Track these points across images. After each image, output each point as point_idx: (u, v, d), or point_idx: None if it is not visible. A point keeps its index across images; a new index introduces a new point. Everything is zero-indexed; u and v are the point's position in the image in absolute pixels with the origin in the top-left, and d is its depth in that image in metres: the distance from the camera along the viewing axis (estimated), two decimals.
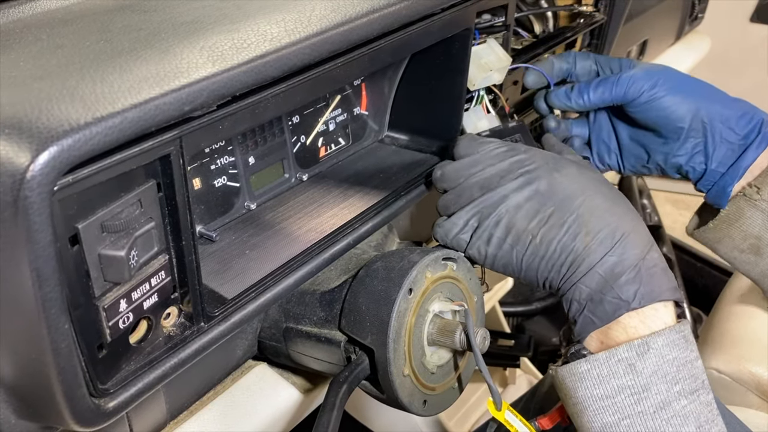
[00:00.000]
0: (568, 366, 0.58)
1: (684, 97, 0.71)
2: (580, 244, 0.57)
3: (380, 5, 0.55)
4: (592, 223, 0.58)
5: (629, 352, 0.55)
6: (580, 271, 0.57)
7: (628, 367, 0.54)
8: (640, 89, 0.71)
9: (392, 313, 0.56)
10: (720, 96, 0.72)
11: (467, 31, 0.69)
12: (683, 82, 0.72)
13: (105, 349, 0.45)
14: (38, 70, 0.42)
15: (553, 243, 0.58)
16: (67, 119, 0.36)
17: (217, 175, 0.63)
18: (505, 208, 0.60)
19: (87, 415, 0.44)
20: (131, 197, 0.44)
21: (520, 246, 0.60)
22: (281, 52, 0.47)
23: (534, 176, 0.60)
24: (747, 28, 1.84)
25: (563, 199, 0.59)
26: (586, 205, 0.58)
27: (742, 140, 0.70)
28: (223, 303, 0.53)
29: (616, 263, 0.56)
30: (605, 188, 0.61)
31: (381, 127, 0.80)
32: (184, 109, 0.41)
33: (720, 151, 0.71)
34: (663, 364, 0.54)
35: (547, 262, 0.59)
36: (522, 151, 0.62)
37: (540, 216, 0.59)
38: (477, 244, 0.62)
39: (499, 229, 0.60)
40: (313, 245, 0.61)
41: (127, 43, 0.46)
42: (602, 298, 0.57)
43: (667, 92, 0.71)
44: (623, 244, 0.57)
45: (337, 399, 0.55)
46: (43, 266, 0.37)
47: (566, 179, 0.60)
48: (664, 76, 0.71)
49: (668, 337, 0.55)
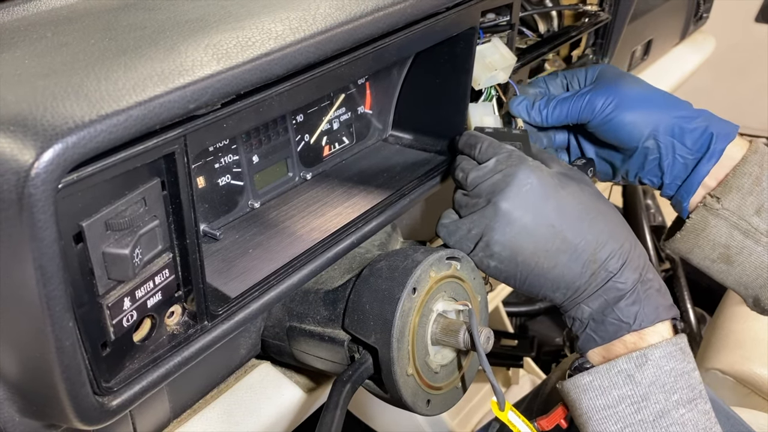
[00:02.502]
0: (572, 379, 0.60)
1: (638, 115, 0.70)
2: (588, 271, 0.59)
3: (385, 4, 0.55)
4: (598, 251, 0.58)
5: (628, 363, 0.57)
6: (584, 294, 0.59)
7: (628, 378, 0.57)
8: (593, 109, 0.71)
9: (396, 313, 0.56)
10: (675, 109, 0.71)
11: (472, 30, 0.69)
12: (638, 99, 0.71)
13: (109, 347, 0.45)
14: (43, 67, 0.42)
15: (558, 267, 0.59)
16: (71, 117, 0.36)
17: (221, 174, 0.63)
18: (510, 230, 0.59)
19: (90, 413, 0.44)
20: (135, 195, 0.44)
21: (523, 266, 0.60)
22: (286, 51, 0.47)
23: (541, 195, 0.59)
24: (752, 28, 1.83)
25: (570, 224, 0.59)
26: (592, 231, 0.59)
27: (693, 155, 0.70)
28: (227, 302, 0.53)
29: (617, 288, 0.58)
30: (603, 206, 0.62)
31: (385, 126, 0.80)
32: (189, 107, 0.41)
33: (675, 166, 0.71)
34: (661, 375, 0.56)
35: (552, 283, 0.60)
36: (529, 165, 0.61)
37: (545, 239, 0.59)
38: (480, 255, 0.62)
39: (502, 248, 0.60)
40: (316, 244, 0.61)
41: (132, 41, 0.46)
42: (604, 319, 0.59)
43: (620, 111, 0.70)
44: (625, 269, 0.59)
45: (341, 398, 0.55)
46: (47, 264, 0.37)
47: (571, 201, 0.60)
48: (619, 95, 0.71)
49: (665, 350, 0.57)
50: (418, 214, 0.84)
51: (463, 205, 0.64)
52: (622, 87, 0.71)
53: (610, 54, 1.05)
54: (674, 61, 1.42)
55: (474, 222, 0.61)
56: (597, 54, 1.04)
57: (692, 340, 1.64)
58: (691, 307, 1.67)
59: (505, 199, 0.59)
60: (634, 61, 1.27)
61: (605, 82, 0.73)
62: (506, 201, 0.59)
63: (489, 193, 0.61)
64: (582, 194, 0.61)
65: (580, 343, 0.61)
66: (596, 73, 0.76)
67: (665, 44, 1.40)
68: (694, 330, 1.65)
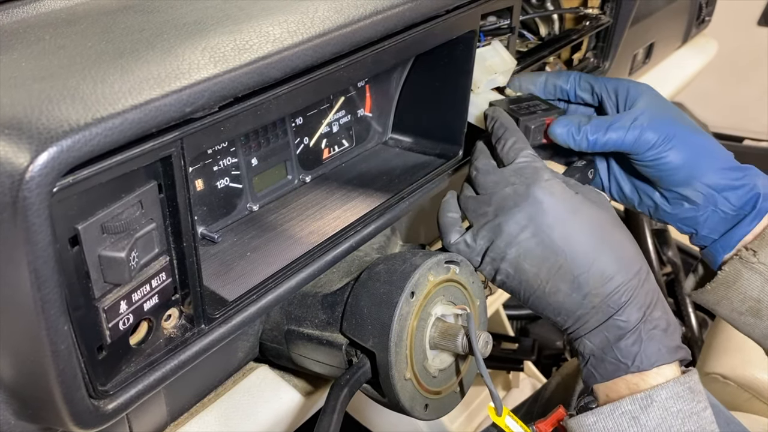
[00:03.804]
0: (576, 418, 0.58)
1: (687, 161, 0.66)
2: (589, 303, 0.57)
3: (384, 7, 0.55)
4: (602, 284, 0.57)
5: (633, 405, 0.55)
6: (585, 328, 0.58)
7: (632, 420, 0.55)
8: (646, 145, 0.65)
9: (394, 317, 0.55)
10: (723, 161, 0.67)
11: (472, 33, 0.69)
12: (691, 143, 0.66)
13: (105, 350, 0.45)
14: (40, 70, 0.42)
15: (560, 294, 0.58)
16: (66, 120, 0.36)
17: (220, 177, 0.62)
18: (515, 250, 0.58)
19: (86, 416, 0.44)
20: (132, 198, 0.44)
21: (526, 286, 0.59)
22: (283, 54, 0.46)
23: (548, 221, 0.58)
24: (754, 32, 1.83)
25: (574, 255, 0.57)
26: (598, 264, 0.57)
27: (736, 211, 0.67)
28: (224, 305, 0.53)
29: (619, 326, 0.57)
30: (618, 234, 0.59)
31: (385, 129, 0.80)
32: (185, 110, 0.41)
33: (713, 219, 0.68)
34: (667, 417, 0.54)
35: (554, 310, 0.59)
36: (542, 186, 0.58)
37: (549, 265, 0.58)
38: (487, 269, 0.61)
39: (507, 265, 0.59)
40: (315, 247, 0.61)
41: (129, 44, 0.46)
42: (604, 357, 0.57)
43: (671, 153, 0.65)
44: (628, 306, 0.56)
45: (338, 402, 0.54)
46: (41, 267, 0.37)
47: (580, 229, 0.58)
48: (675, 136, 0.65)
49: (672, 390, 0.55)
50: (418, 218, 0.84)
51: (470, 209, 0.63)
52: (677, 125, 0.66)
53: (611, 57, 1.04)
54: (676, 65, 1.42)
55: (481, 237, 0.61)
56: (598, 57, 1.04)
57: (693, 345, 1.63)
58: (693, 311, 1.67)
59: (512, 219, 0.58)
60: (636, 65, 1.26)
61: (658, 113, 0.67)
62: (513, 221, 0.58)
63: (498, 208, 0.60)
64: (595, 222, 0.58)
65: (583, 377, 0.60)
66: (641, 94, 0.69)
67: (667, 47, 1.40)
68: (695, 334, 1.64)
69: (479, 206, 0.61)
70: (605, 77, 0.74)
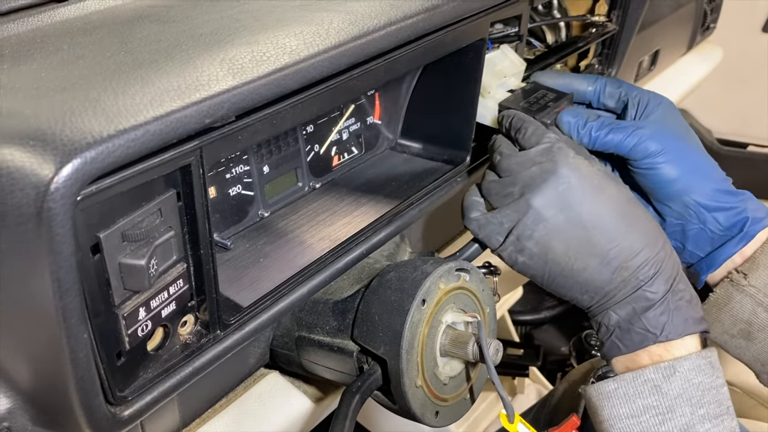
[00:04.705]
0: (595, 385, 0.59)
1: (681, 175, 0.67)
2: (618, 277, 0.58)
3: (397, 18, 0.55)
4: (631, 258, 0.57)
5: (656, 374, 0.56)
6: (613, 300, 0.59)
7: (654, 388, 0.56)
8: (645, 152, 0.66)
9: (405, 324, 0.56)
10: (717, 182, 0.68)
11: (481, 41, 0.69)
12: (689, 159, 0.67)
13: (123, 356, 0.46)
14: (60, 81, 0.43)
15: (588, 270, 0.58)
16: (90, 132, 0.37)
17: (232, 184, 0.63)
18: (542, 227, 0.58)
19: (103, 423, 0.45)
20: (152, 206, 0.44)
21: (553, 265, 0.59)
22: (300, 65, 0.47)
23: (577, 196, 0.58)
24: (759, 38, 1.83)
25: (604, 229, 0.58)
26: (627, 238, 0.58)
27: (724, 232, 0.68)
28: (239, 311, 0.54)
29: (647, 297, 0.57)
30: (641, 211, 0.60)
31: (394, 135, 0.81)
32: (205, 121, 0.42)
33: (700, 237, 0.69)
34: (688, 388, 0.55)
35: (580, 286, 0.59)
36: (569, 163, 0.59)
37: (578, 241, 0.58)
38: (509, 249, 0.61)
39: (533, 244, 0.59)
40: (326, 254, 0.61)
41: (148, 55, 0.47)
42: (630, 328, 0.58)
43: (666, 165, 0.66)
44: (657, 278, 0.57)
45: (350, 409, 0.55)
46: (64, 276, 0.38)
47: (608, 204, 0.59)
48: (674, 149, 0.66)
49: (695, 362, 0.56)
50: (426, 224, 0.85)
51: (493, 192, 0.62)
52: (679, 140, 0.67)
53: (618, 64, 1.05)
54: (681, 72, 1.43)
55: (506, 215, 0.60)
56: (603, 64, 1.04)
57: None
58: None
59: (540, 195, 0.58)
60: (641, 72, 1.27)
61: (665, 126, 0.68)
62: (541, 197, 0.58)
63: (524, 186, 0.60)
64: (620, 198, 0.60)
65: (605, 350, 0.61)
66: (658, 107, 0.70)
67: (672, 54, 1.40)
68: None
69: (503, 188, 0.61)
70: (629, 84, 0.74)
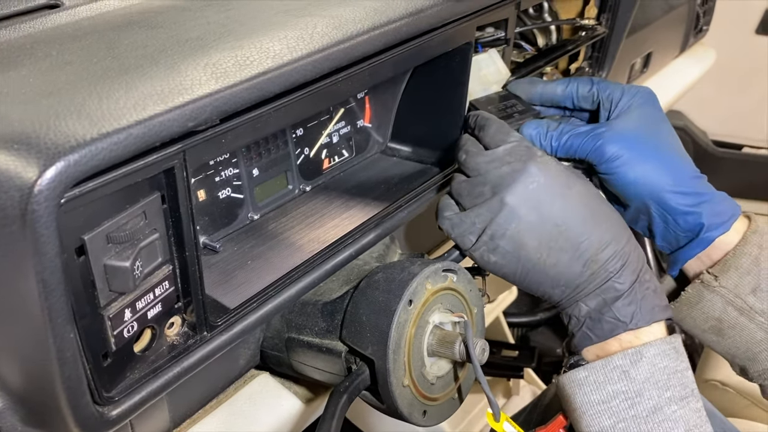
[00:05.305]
0: (567, 374, 0.61)
1: (640, 178, 0.67)
2: (588, 270, 0.60)
3: (381, 22, 0.56)
4: (600, 251, 0.59)
5: (623, 360, 0.58)
6: (583, 293, 0.61)
7: (623, 374, 0.58)
8: (601, 157, 0.67)
9: (392, 324, 0.56)
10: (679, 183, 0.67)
11: (467, 45, 0.70)
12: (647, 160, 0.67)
13: (110, 357, 0.46)
14: (47, 86, 0.44)
15: (560, 265, 0.60)
16: (73, 135, 0.37)
17: (222, 187, 0.64)
18: (515, 225, 0.60)
19: (91, 423, 0.45)
20: (136, 209, 0.45)
21: (526, 262, 0.61)
22: (283, 69, 0.48)
23: (548, 194, 0.60)
24: (752, 40, 1.84)
25: (574, 224, 0.60)
26: (595, 232, 0.60)
27: (685, 233, 0.69)
28: (226, 313, 0.54)
29: (616, 288, 0.60)
30: (606, 207, 0.62)
31: (384, 138, 0.81)
32: (188, 125, 0.42)
33: (666, 235, 0.70)
34: (655, 372, 0.58)
35: (552, 280, 0.61)
36: (538, 161, 0.61)
37: (549, 237, 0.60)
38: (482, 249, 0.62)
39: (506, 242, 0.60)
40: (314, 255, 0.62)
41: (134, 60, 0.48)
42: (600, 318, 0.60)
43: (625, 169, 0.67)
44: (624, 270, 0.60)
45: (337, 409, 0.55)
46: (49, 277, 0.38)
47: (577, 201, 0.61)
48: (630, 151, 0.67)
49: (660, 348, 0.58)
50: (416, 226, 0.85)
51: (464, 193, 0.63)
52: (641, 141, 0.67)
53: (608, 67, 1.06)
54: (674, 74, 1.43)
55: (478, 215, 0.61)
56: (593, 67, 1.05)
57: (693, 352, 1.64)
58: None
59: (512, 193, 0.60)
60: (634, 74, 1.28)
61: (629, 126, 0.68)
62: (513, 196, 0.60)
63: (495, 186, 0.61)
64: (587, 194, 0.62)
65: (576, 341, 0.63)
66: (629, 103, 0.70)
67: (665, 57, 1.41)
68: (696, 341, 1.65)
69: (474, 188, 0.62)
70: (605, 82, 0.73)
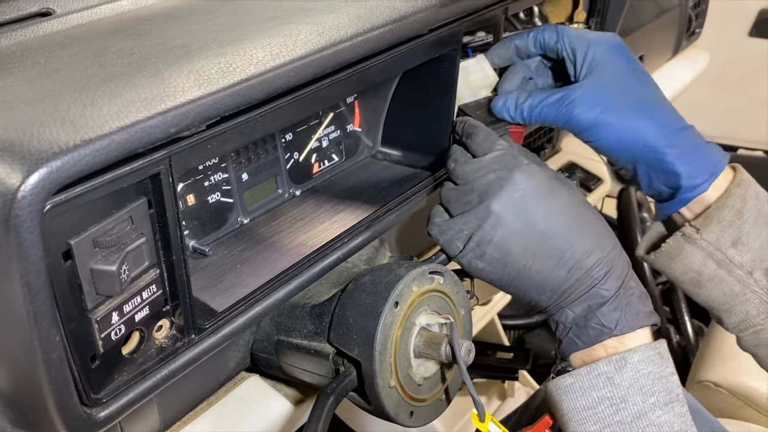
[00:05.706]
0: (554, 381, 0.62)
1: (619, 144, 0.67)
2: (573, 276, 0.60)
3: (364, 29, 0.57)
4: (584, 258, 0.60)
5: (608, 366, 0.59)
6: (570, 299, 0.61)
7: (607, 380, 0.58)
8: (578, 127, 0.68)
9: (378, 326, 0.57)
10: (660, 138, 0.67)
11: (454, 50, 0.71)
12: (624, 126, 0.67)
13: (98, 359, 0.47)
14: (33, 94, 0.45)
15: (545, 271, 0.61)
16: (56, 142, 0.38)
17: (211, 191, 0.64)
18: (501, 232, 0.61)
19: (78, 424, 0.46)
20: (122, 214, 0.46)
21: (512, 268, 0.61)
22: (266, 76, 0.49)
23: (533, 201, 0.61)
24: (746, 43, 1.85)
25: (559, 231, 0.60)
26: (580, 240, 0.60)
27: (667, 189, 0.70)
28: (214, 316, 0.55)
29: (601, 294, 0.60)
30: (591, 214, 0.63)
31: (374, 142, 0.82)
32: (170, 131, 0.43)
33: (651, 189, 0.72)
34: (639, 378, 0.58)
35: (537, 287, 0.62)
36: (523, 169, 0.62)
37: (535, 244, 0.60)
38: (469, 256, 0.63)
39: (493, 249, 0.61)
40: (303, 259, 0.62)
41: (119, 68, 0.49)
42: (586, 324, 0.61)
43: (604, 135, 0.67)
44: (609, 276, 0.60)
45: (324, 410, 0.56)
46: (33, 281, 0.39)
47: (562, 208, 0.61)
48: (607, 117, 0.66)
49: (644, 354, 0.59)
50: (406, 229, 0.86)
51: (453, 200, 0.64)
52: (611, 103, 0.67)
53: None
54: (667, 77, 1.44)
55: (466, 222, 0.62)
56: None
57: (689, 353, 1.64)
58: (689, 319, 1.68)
59: (498, 201, 0.61)
60: None
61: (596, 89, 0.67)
62: (499, 203, 0.61)
63: (482, 193, 0.62)
64: (572, 202, 0.62)
65: (563, 347, 0.63)
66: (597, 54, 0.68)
67: (658, 60, 1.42)
68: (691, 342, 1.65)
69: (462, 195, 0.63)
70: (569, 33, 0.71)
